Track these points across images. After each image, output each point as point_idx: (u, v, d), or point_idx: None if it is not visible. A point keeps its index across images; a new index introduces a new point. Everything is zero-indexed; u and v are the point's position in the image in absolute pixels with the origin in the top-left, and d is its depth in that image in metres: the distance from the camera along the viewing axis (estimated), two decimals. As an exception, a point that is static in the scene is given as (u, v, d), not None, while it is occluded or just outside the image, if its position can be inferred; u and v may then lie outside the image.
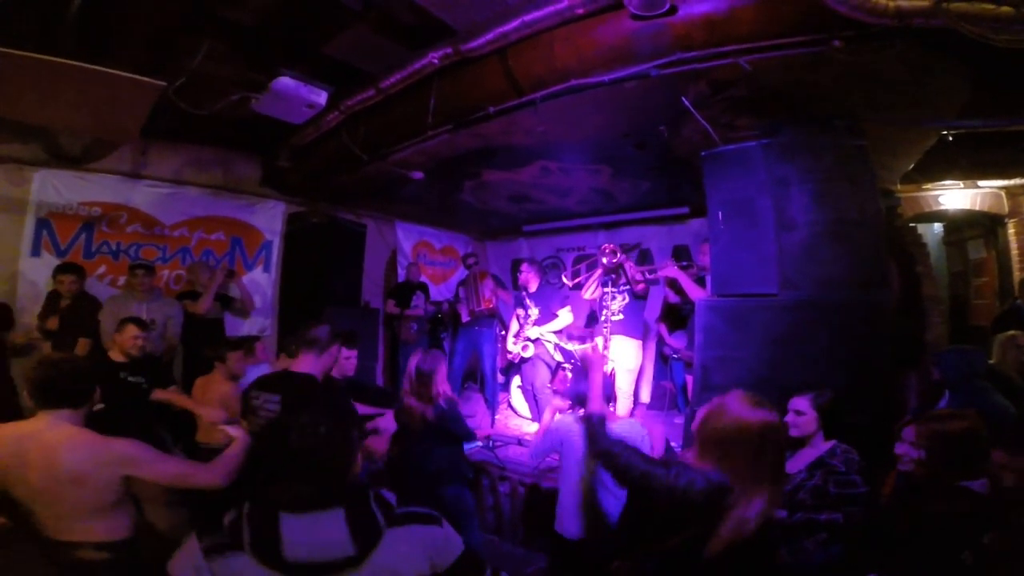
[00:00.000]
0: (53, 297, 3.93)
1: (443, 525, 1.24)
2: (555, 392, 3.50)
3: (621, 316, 4.63)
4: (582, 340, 5.07)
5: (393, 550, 1.14)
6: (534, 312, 5.04)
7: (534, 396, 5.00)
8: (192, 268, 4.83)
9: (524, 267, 5.26)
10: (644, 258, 6.32)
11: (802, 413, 2.29)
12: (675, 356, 4.85)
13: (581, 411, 2.49)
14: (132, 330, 3.18)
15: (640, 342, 4.75)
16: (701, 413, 1.54)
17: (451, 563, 1.21)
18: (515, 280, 7.51)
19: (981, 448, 1.70)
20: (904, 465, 1.85)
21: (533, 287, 5.15)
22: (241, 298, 4.95)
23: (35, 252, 4.20)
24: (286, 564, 1.07)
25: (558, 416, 2.89)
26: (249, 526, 1.11)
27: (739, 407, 1.46)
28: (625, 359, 4.61)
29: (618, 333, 4.62)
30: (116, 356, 3.19)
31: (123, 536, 1.80)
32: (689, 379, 4.16)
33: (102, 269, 4.52)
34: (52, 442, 1.68)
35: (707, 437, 1.49)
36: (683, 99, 3.05)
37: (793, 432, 2.28)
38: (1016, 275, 4.70)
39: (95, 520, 1.73)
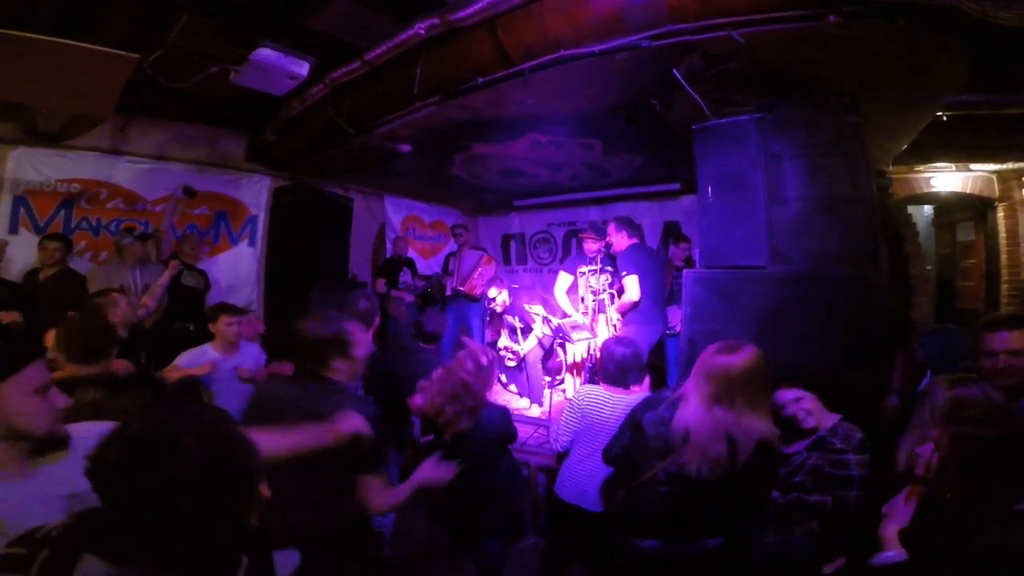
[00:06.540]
0: (31, 274, 3.85)
1: None
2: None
3: (606, 295, 4.58)
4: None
5: None
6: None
7: (525, 372, 5.00)
8: (184, 240, 4.72)
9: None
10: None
11: (800, 399, 2.16)
12: (668, 332, 4.78)
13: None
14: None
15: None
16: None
17: None
18: (506, 256, 7.49)
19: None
20: (920, 469, 1.49)
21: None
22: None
23: (13, 229, 4.15)
24: None
25: (580, 386, 2.76)
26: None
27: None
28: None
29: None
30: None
31: None
32: None
33: (82, 245, 4.46)
34: None
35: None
36: (675, 72, 2.98)
37: (809, 422, 2.13)
38: (1004, 258, 4.72)
39: None
